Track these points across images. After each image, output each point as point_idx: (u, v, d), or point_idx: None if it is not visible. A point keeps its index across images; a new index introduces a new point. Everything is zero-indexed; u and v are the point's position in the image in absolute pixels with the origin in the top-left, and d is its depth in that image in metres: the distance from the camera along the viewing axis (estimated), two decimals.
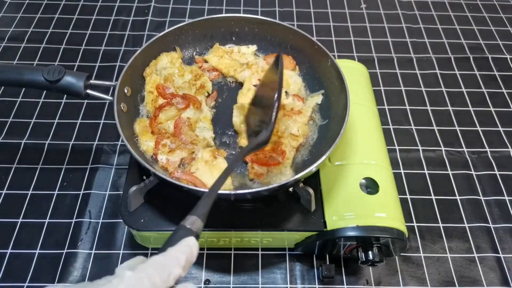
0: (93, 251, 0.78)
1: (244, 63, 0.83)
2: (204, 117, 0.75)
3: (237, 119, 0.74)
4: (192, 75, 0.80)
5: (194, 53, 0.86)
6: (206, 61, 0.85)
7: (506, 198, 0.89)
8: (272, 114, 0.58)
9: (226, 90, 0.83)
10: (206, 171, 0.67)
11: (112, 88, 0.71)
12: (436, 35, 1.22)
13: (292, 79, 0.79)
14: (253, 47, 0.85)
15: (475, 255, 0.81)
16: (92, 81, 0.70)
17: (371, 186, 0.71)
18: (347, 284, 0.77)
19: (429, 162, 0.94)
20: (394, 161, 0.92)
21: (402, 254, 0.80)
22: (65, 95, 0.98)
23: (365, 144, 0.76)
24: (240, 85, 0.82)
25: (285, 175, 0.67)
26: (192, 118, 0.73)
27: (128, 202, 0.66)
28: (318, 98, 0.78)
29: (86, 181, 0.87)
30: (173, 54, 0.82)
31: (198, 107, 0.74)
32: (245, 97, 0.77)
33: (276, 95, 0.58)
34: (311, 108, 0.76)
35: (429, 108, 1.04)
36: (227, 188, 0.66)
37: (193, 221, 0.44)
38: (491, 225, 0.85)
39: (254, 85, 0.78)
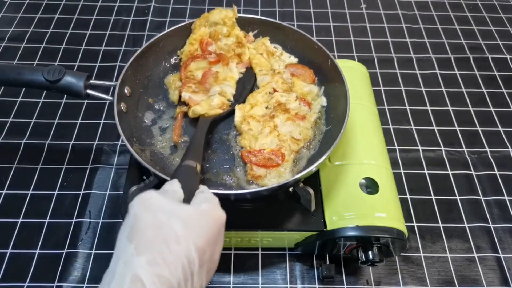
0: (93, 251, 0.78)
1: (273, 69, 0.82)
2: (230, 77, 0.79)
3: (239, 118, 0.74)
4: (236, 41, 0.82)
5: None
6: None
7: (506, 198, 0.89)
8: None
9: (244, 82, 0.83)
10: None
11: (112, 88, 0.71)
12: (436, 35, 1.22)
13: (308, 88, 0.79)
14: (294, 59, 0.84)
15: (475, 255, 0.81)
16: (92, 81, 0.70)
17: (371, 186, 0.71)
18: (347, 284, 0.77)
19: (429, 162, 0.94)
20: (394, 161, 0.92)
21: (402, 254, 0.80)
22: (65, 95, 0.98)
23: (365, 144, 0.76)
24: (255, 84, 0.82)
25: (283, 178, 0.67)
26: (220, 73, 0.78)
27: (128, 202, 0.66)
28: (322, 100, 0.78)
29: (86, 181, 0.87)
30: (228, 11, 0.83)
31: (226, 64, 0.79)
32: (254, 99, 0.77)
33: None
34: (316, 114, 0.76)
35: (429, 108, 1.04)
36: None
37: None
38: (491, 225, 0.85)
39: (270, 92, 0.78)
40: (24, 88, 1.00)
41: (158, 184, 0.66)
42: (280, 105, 0.74)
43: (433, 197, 0.89)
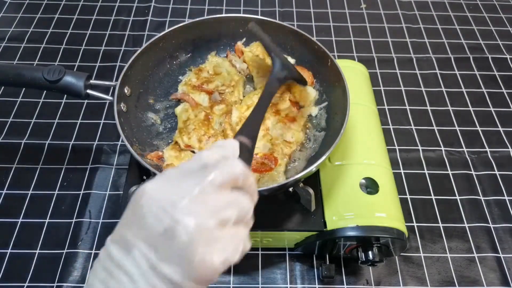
0: (93, 251, 0.78)
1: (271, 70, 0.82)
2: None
3: (236, 119, 0.73)
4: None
5: (190, 55, 0.86)
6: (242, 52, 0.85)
7: (506, 198, 0.89)
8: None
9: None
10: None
11: (112, 88, 0.71)
12: (436, 35, 1.22)
13: (305, 91, 0.78)
14: (291, 60, 0.83)
15: (475, 255, 0.81)
16: (92, 81, 0.70)
17: (371, 186, 0.71)
18: (347, 284, 0.77)
19: (429, 162, 0.94)
20: (394, 161, 0.92)
21: (402, 254, 0.80)
22: (65, 95, 0.98)
23: (365, 144, 0.76)
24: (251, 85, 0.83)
25: (277, 182, 0.66)
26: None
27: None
28: (312, 110, 0.77)
29: (86, 181, 0.87)
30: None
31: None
32: (250, 100, 0.76)
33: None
34: (305, 117, 0.76)
35: (429, 108, 1.04)
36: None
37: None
38: (491, 225, 0.85)
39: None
40: (24, 88, 1.00)
41: None
42: (272, 106, 0.74)
43: (433, 197, 0.89)
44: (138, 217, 0.35)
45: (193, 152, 0.70)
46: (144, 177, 0.68)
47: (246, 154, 0.45)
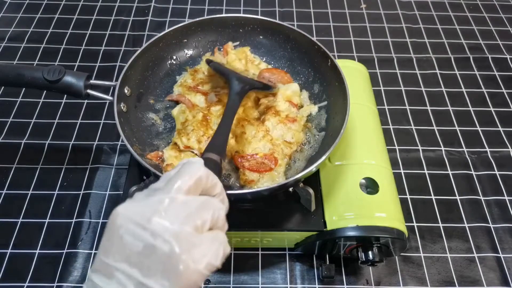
0: (93, 251, 0.78)
1: (254, 74, 0.82)
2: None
3: (234, 121, 0.73)
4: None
5: (194, 53, 0.86)
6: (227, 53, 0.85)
7: (506, 198, 0.89)
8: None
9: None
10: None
11: (112, 88, 0.71)
12: (436, 35, 1.22)
13: (289, 90, 0.78)
14: (267, 65, 0.84)
15: (475, 255, 0.81)
16: (92, 81, 0.70)
17: (371, 186, 0.71)
18: (347, 284, 0.77)
19: (429, 162, 0.94)
20: (394, 161, 0.92)
21: (402, 254, 0.80)
22: (65, 95, 0.98)
23: (365, 144, 0.76)
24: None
25: (276, 182, 0.66)
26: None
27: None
28: (312, 108, 0.77)
29: (86, 181, 0.87)
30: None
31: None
32: (245, 101, 0.76)
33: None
34: (305, 117, 0.76)
35: (429, 108, 1.04)
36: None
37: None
38: (491, 225, 0.85)
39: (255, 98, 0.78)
40: (24, 88, 1.00)
41: None
42: (270, 108, 0.74)
43: (433, 197, 0.88)
44: (116, 239, 0.35)
45: (193, 152, 0.70)
46: (144, 177, 0.68)
47: (214, 167, 0.46)
